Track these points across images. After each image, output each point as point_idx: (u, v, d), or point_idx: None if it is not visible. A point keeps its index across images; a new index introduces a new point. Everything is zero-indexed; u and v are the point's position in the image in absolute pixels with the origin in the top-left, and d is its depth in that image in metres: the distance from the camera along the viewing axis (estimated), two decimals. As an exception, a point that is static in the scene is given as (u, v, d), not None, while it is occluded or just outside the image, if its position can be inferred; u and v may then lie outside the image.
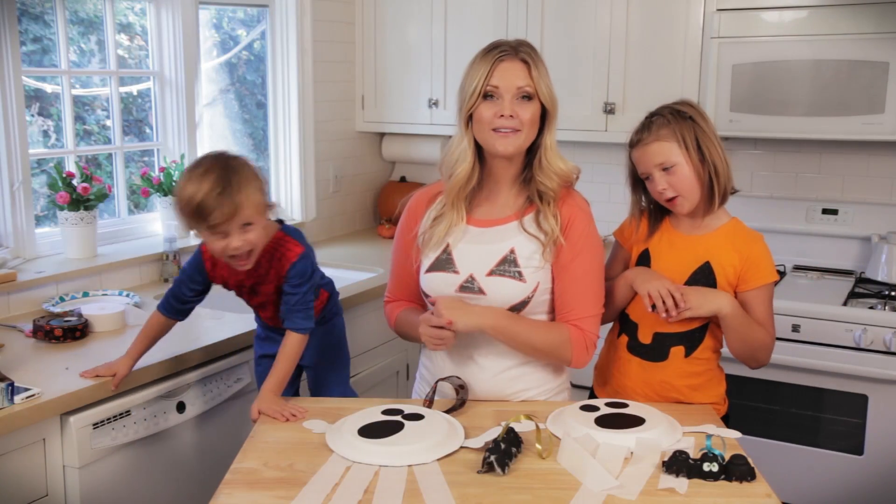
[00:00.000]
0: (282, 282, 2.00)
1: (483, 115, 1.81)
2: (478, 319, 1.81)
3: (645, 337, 1.96)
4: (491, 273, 1.85)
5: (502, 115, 1.79)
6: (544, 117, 1.86)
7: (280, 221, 2.07)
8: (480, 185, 1.91)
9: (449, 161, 1.89)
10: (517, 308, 1.86)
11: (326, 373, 2.23)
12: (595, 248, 1.89)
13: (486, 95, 1.81)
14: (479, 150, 1.88)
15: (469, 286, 1.86)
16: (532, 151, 1.88)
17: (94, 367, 2.04)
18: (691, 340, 1.93)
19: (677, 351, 1.93)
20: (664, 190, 1.88)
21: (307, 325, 1.99)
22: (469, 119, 1.84)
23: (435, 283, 1.90)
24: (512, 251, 1.86)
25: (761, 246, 1.90)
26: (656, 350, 1.95)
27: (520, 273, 1.85)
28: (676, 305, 1.83)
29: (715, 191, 1.88)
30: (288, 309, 1.99)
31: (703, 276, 1.89)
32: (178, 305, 2.09)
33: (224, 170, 1.85)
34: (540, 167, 1.87)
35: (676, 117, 1.88)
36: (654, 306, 1.85)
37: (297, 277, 1.98)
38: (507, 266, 1.85)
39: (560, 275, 1.87)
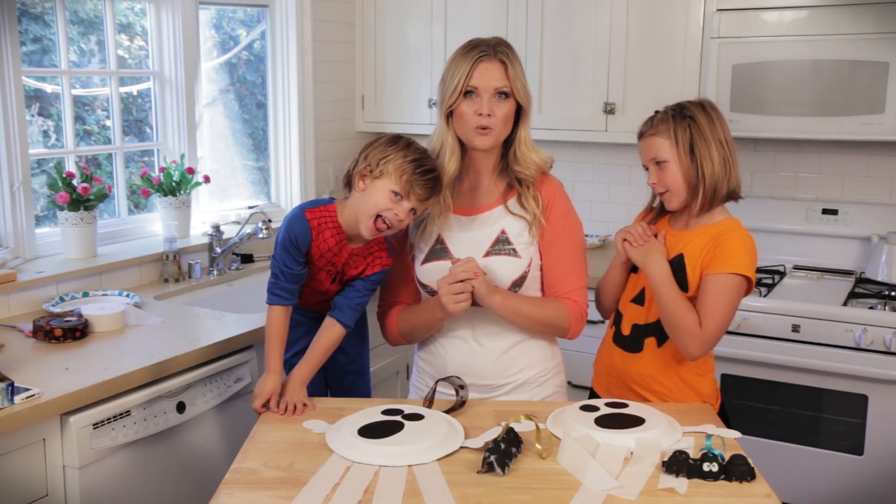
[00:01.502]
0: (360, 276, 2.02)
1: (463, 112, 1.90)
2: (488, 290, 1.88)
3: (625, 328, 2.02)
4: (488, 254, 1.94)
5: (481, 114, 1.88)
6: (519, 112, 1.95)
7: None
8: (462, 177, 2.00)
9: (436, 157, 1.95)
10: (518, 283, 1.95)
11: (361, 349, 2.23)
12: (575, 224, 2.02)
13: (466, 93, 1.90)
14: (461, 143, 1.96)
15: None
16: (508, 144, 1.98)
17: (255, 401, 1.91)
18: (660, 330, 1.95)
19: (650, 342, 1.98)
20: (654, 184, 1.96)
21: (353, 324, 2.02)
22: (449, 115, 1.93)
23: (434, 273, 1.96)
24: (503, 232, 1.96)
25: (738, 239, 1.90)
26: (633, 341, 2.00)
27: (514, 250, 1.95)
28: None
29: (700, 192, 1.90)
30: (348, 304, 2.00)
31: (674, 269, 1.92)
32: (292, 286, 1.97)
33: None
34: (515, 159, 1.97)
35: (677, 115, 1.92)
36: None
37: (375, 284, 2.03)
38: (502, 245, 1.95)
39: (546, 252, 1.97)
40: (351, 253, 2.00)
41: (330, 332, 1.99)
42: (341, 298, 2.01)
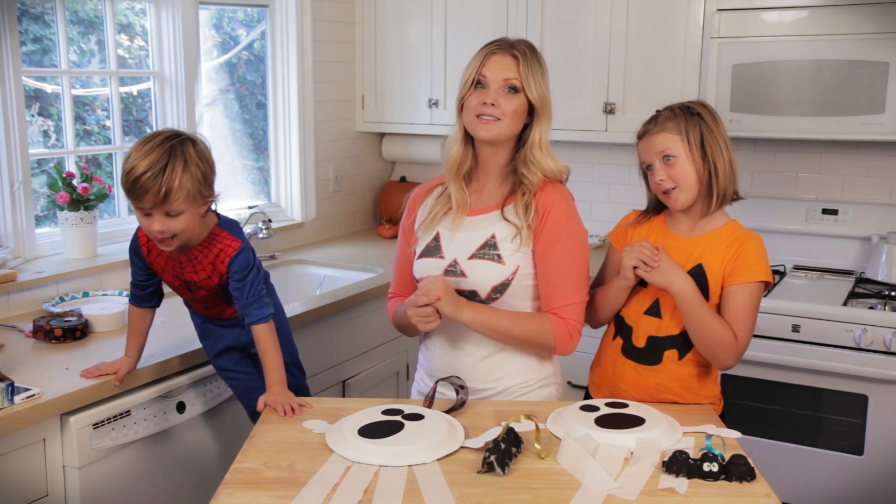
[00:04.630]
0: (224, 279, 1.99)
1: (470, 103, 1.92)
2: (456, 308, 1.87)
3: (639, 341, 1.96)
4: (472, 257, 1.93)
5: (485, 103, 1.88)
6: (533, 114, 1.94)
7: (217, 215, 2.04)
8: (471, 177, 2.00)
9: (446, 145, 2.00)
10: (499, 290, 1.91)
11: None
12: (575, 235, 1.94)
13: (476, 84, 1.91)
14: (472, 138, 1.97)
15: (452, 269, 1.94)
16: (521, 145, 1.96)
17: (96, 366, 2.06)
18: (684, 341, 1.93)
19: (671, 354, 1.93)
20: (662, 181, 1.89)
21: (266, 312, 1.98)
22: (461, 108, 1.95)
23: (424, 269, 1.98)
24: (493, 237, 1.93)
25: (754, 244, 1.89)
26: (650, 354, 1.95)
27: (499, 256, 1.92)
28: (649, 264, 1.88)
29: (714, 191, 1.88)
30: (242, 304, 1.98)
31: (695, 279, 1.89)
32: (139, 293, 2.09)
33: (168, 152, 1.81)
34: (524, 161, 1.95)
35: (685, 113, 1.90)
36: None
37: (240, 271, 1.97)
38: (488, 250, 1.93)
39: (541, 263, 1.92)
40: (188, 258, 1.98)
41: (258, 338, 1.98)
42: (237, 306, 2.00)
